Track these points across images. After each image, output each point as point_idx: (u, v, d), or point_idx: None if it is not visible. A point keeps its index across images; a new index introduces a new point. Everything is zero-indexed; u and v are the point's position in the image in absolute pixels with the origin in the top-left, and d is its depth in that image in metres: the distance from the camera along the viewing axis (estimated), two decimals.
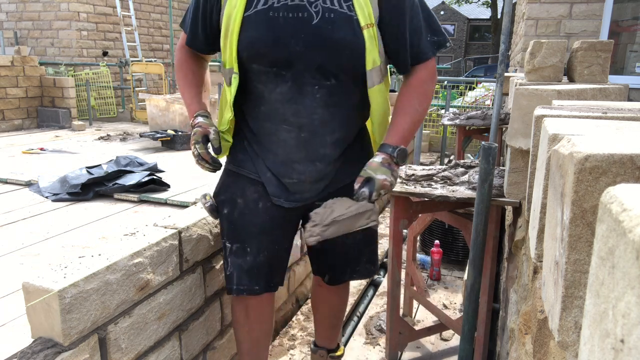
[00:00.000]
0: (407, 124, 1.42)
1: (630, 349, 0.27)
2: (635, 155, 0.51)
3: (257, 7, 1.32)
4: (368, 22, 1.31)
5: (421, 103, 1.45)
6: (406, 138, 1.42)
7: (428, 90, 1.46)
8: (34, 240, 3.09)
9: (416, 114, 1.44)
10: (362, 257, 1.67)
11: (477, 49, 36.39)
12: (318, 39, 1.31)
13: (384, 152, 1.39)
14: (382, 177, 1.36)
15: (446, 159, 5.87)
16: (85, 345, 1.16)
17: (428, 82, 1.45)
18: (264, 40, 1.32)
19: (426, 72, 1.44)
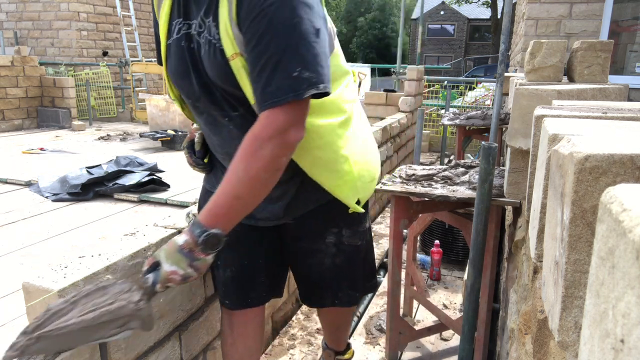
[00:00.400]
0: (225, 197, 1.08)
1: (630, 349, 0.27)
2: (635, 155, 0.51)
3: (173, 35, 1.23)
4: (232, 52, 1.10)
5: (247, 169, 1.05)
6: (225, 216, 1.08)
7: (261, 150, 1.04)
8: (34, 240, 3.10)
9: (239, 185, 1.06)
10: (343, 282, 1.52)
11: (477, 49, 36.40)
12: (206, 72, 1.18)
13: (190, 233, 1.08)
14: (172, 269, 1.07)
15: (446, 159, 5.87)
16: (85, 345, 1.16)
17: (264, 139, 1.04)
18: (176, 72, 1.25)
19: (266, 124, 1.05)
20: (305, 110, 1.08)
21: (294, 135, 1.07)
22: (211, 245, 1.07)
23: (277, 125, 1.04)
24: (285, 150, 1.07)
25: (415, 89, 6.00)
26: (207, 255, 1.09)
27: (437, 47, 37.71)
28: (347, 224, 1.47)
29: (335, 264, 1.48)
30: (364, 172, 1.39)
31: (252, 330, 1.55)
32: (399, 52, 8.00)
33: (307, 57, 1.03)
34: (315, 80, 1.04)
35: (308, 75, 1.03)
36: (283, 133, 1.05)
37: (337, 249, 1.47)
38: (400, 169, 2.23)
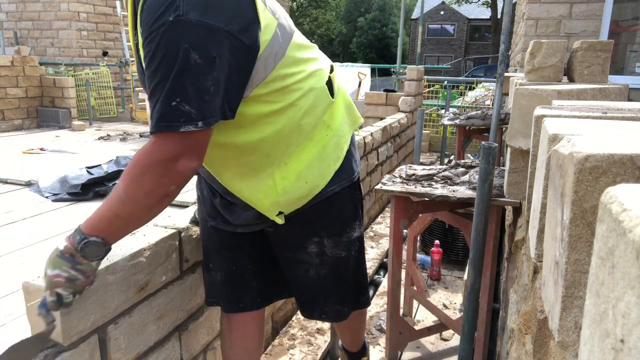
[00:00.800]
0: (105, 210, 1.05)
1: (630, 349, 0.27)
2: (635, 155, 0.51)
3: None
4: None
5: (127, 189, 1.02)
6: (105, 229, 1.04)
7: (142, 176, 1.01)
8: (34, 240, 3.09)
9: (118, 203, 1.03)
10: (329, 296, 1.47)
11: (477, 49, 36.41)
12: None
13: (70, 239, 1.05)
14: (54, 273, 1.03)
15: (446, 159, 5.87)
16: (85, 346, 1.16)
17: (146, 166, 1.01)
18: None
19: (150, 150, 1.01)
20: (197, 141, 1.03)
21: (183, 166, 1.02)
22: (92, 252, 1.04)
23: (161, 153, 1.00)
24: (171, 179, 1.02)
25: (415, 89, 6.00)
26: (91, 261, 1.05)
27: (437, 47, 37.71)
28: (329, 233, 1.39)
29: (320, 276, 1.42)
30: (294, 189, 1.28)
31: (250, 332, 1.53)
32: (399, 52, 8.00)
33: (190, 91, 0.97)
34: (194, 117, 0.98)
35: (187, 109, 0.98)
36: (169, 162, 1.01)
37: (321, 259, 1.41)
38: (400, 169, 2.23)
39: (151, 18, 0.97)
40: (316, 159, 1.31)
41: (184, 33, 0.96)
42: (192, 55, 0.96)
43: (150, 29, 0.97)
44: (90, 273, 1.07)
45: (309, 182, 1.30)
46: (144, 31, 0.99)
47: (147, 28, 0.98)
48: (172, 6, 0.95)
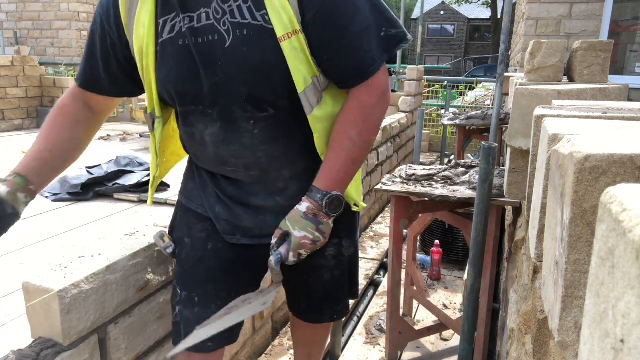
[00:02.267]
0: (341, 161, 1.08)
1: (630, 349, 0.27)
2: (635, 155, 0.51)
3: (164, 36, 1.07)
4: (288, 31, 1.00)
5: (361, 133, 1.08)
6: (342, 180, 1.09)
7: (372, 116, 1.09)
8: (34, 240, 3.09)
9: (355, 149, 1.08)
10: (341, 295, 1.43)
11: (477, 49, 36.41)
12: (235, 65, 1.04)
13: (311, 199, 1.07)
14: (301, 235, 1.06)
15: (446, 159, 5.87)
16: (85, 346, 1.16)
17: (373, 105, 1.08)
18: (177, 76, 1.09)
19: (371, 91, 1.07)
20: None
21: (389, 92, 1.12)
22: (334, 207, 1.08)
23: (380, 89, 1.08)
24: (386, 106, 1.12)
25: (415, 89, 6.00)
26: (330, 218, 1.09)
27: (437, 47, 37.71)
28: (348, 232, 1.36)
29: (335, 277, 1.37)
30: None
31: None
32: (399, 52, 8.00)
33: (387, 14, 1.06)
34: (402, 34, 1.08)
35: (395, 32, 1.06)
36: (385, 94, 1.10)
37: (337, 261, 1.36)
38: (400, 169, 2.23)
39: None
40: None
41: None
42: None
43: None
44: (328, 233, 1.10)
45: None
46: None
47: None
48: None
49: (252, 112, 1.09)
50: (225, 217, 1.22)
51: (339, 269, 1.39)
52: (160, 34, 1.08)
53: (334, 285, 1.40)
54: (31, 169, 1.16)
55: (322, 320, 1.49)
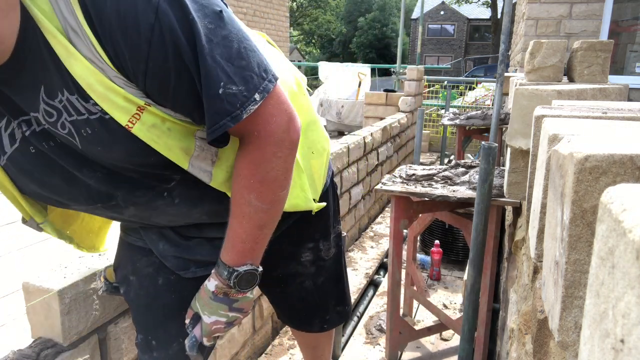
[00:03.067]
0: (245, 230, 0.89)
1: (630, 349, 0.27)
2: (635, 155, 0.51)
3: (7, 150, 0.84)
4: (132, 113, 0.77)
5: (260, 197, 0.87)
6: (251, 250, 0.91)
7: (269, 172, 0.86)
8: (34, 240, 3.10)
9: (258, 214, 0.88)
10: (330, 301, 1.33)
11: (477, 49, 36.42)
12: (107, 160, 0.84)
13: (218, 276, 0.93)
14: (212, 320, 0.94)
15: (446, 159, 5.88)
16: (85, 346, 1.16)
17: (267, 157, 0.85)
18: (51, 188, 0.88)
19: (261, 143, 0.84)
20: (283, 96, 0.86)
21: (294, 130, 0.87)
22: (245, 283, 0.93)
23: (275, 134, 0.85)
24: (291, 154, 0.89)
25: (415, 89, 6.00)
26: (245, 293, 0.94)
27: (437, 47, 37.71)
28: (323, 233, 1.26)
29: (318, 285, 1.28)
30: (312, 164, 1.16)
31: None
32: (399, 52, 8.00)
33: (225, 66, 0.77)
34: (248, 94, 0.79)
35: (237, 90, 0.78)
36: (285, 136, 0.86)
37: (317, 267, 1.27)
38: (400, 169, 2.23)
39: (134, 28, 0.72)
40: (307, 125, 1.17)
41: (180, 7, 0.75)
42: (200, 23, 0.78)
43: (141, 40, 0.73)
44: (247, 307, 0.97)
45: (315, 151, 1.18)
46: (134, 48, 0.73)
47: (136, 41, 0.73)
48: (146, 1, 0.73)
49: (158, 187, 0.92)
50: (172, 253, 1.06)
51: (322, 275, 1.29)
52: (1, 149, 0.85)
53: (320, 293, 1.30)
54: None
55: (312, 329, 1.39)
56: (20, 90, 0.78)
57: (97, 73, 0.74)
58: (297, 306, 1.33)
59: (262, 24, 12.55)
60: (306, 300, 1.31)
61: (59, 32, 0.72)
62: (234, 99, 0.78)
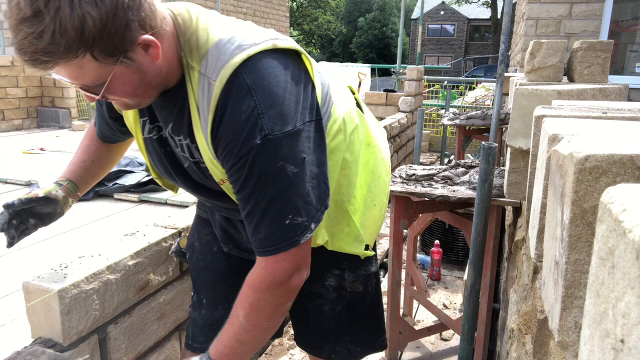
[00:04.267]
0: (228, 338, 1.02)
1: (630, 349, 0.27)
2: (635, 155, 0.51)
3: (145, 133, 1.13)
4: (221, 178, 1.03)
5: (247, 317, 0.99)
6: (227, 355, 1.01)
7: (259, 302, 0.98)
8: (34, 240, 3.09)
9: (241, 330, 1.01)
10: (342, 335, 1.35)
11: (477, 49, 36.42)
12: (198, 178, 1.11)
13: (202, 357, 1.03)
14: None
15: (446, 159, 5.88)
16: (85, 345, 1.16)
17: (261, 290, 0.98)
18: (159, 170, 1.18)
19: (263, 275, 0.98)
20: (306, 251, 1.00)
21: (296, 281, 1.00)
22: None
23: (276, 276, 0.97)
24: (287, 297, 1.01)
25: (415, 89, 6.00)
26: None
27: (437, 47, 37.71)
28: (351, 266, 1.31)
29: (335, 312, 1.32)
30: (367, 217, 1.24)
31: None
32: (399, 52, 8.00)
33: (297, 202, 0.94)
34: (307, 224, 0.95)
35: (301, 220, 0.95)
36: (284, 282, 0.98)
37: (338, 294, 1.31)
38: (400, 169, 2.23)
39: (236, 143, 0.92)
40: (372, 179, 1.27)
41: (277, 150, 0.92)
42: (288, 168, 0.93)
43: (238, 154, 0.92)
44: None
45: (377, 204, 1.27)
46: (229, 157, 0.93)
47: (234, 154, 0.92)
48: (257, 128, 0.90)
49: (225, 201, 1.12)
50: (221, 225, 1.27)
51: (341, 304, 1.32)
52: (143, 131, 1.13)
53: (334, 320, 1.33)
54: (79, 177, 1.28)
55: (320, 355, 1.40)
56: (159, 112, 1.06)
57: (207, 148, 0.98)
58: (312, 327, 1.36)
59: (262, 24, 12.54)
60: (320, 325, 1.34)
61: (196, 110, 0.97)
62: (296, 228, 0.95)
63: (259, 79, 0.92)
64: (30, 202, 1.16)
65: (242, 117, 0.91)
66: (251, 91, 0.91)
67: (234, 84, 0.91)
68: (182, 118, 1.01)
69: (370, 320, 1.40)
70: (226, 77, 0.91)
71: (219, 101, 0.92)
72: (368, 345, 1.41)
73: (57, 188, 1.22)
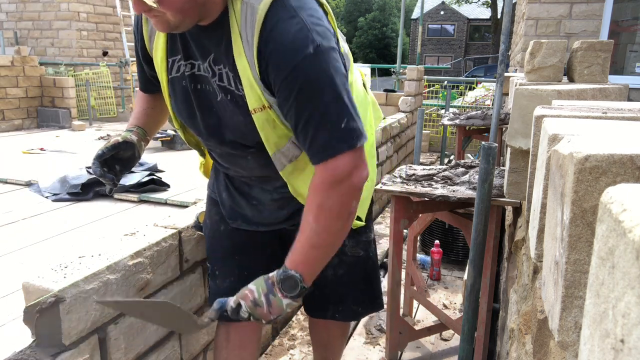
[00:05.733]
0: (302, 244, 1.09)
1: (630, 349, 0.27)
2: (635, 155, 0.51)
3: (172, 73, 1.21)
4: (259, 106, 1.08)
5: (317, 219, 1.06)
6: (304, 263, 1.08)
7: (326, 201, 1.05)
8: (34, 240, 3.09)
9: (312, 234, 1.07)
10: (346, 296, 1.46)
11: (477, 49, 36.41)
12: (224, 116, 1.17)
13: (276, 271, 1.11)
14: (251, 288, 1.12)
15: (446, 159, 5.88)
16: (85, 345, 1.16)
17: (325, 190, 1.05)
18: (181, 111, 1.25)
19: (325, 177, 1.05)
20: (361, 154, 1.07)
21: (358, 178, 1.06)
22: (288, 287, 1.08)
23: (336, 173, 1.04)
24: (351, 195, 1.07)
25: (415, 89, 6.00)
26: (284, 297, 1.09)
27: (437, 47, 37.71)
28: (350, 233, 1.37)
29: (338, 276, 1.43)
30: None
31: (249, 342, 1.45)
32: (399, 52, 8.00)
33: (349, 107, 1.04)
34: (362, 130, 1.05)
35: (355, 125, 1.04)
36: (347, 180, 1.05)
37: (339, 259, 1.41)
38: (400, 169, 2.23)
39: (288, 56, 1.00)
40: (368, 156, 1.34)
41: (328, 60, 1.02)
42: (338, 78, 1.03)
43: (291, 64, 1.00)
44: (275, 309, 1.10)
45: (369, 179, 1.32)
46: (281, 71, 1.01)
47: (286, 66, 1.00)
48: (308, 40, 1.00)
49: (240, 148, 1.22)
50: (229, 204, 1.39)
51: (342, 268, 1.43)
52: (170, 71, 1.20)
53: (337, 284, 1.44)
54: (145, 123, 1.41)
55: (325, 315, 1.52)
56: (200, 45, 1.12)
57: (250, 72, 1.05)
58: (315, 291, 1.43)
59: None
60: (324, 289, 1.43)
61: (239, 36, 1.04)
62: (352, 132, 1.04)
63: (302, 3, 1.03)
64: (115, 147, 1.30)
65: (292, 31, 0.99)
66: (297, 11, 1.01)
67: (279, 6, 1.01)
68: (224, 47, 1.08)
69: (371, 282, 1.52)
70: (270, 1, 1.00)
71: (264, 22, 1.00)
72: (369, 305, 1.53)
73: (130, 134, 1.34)
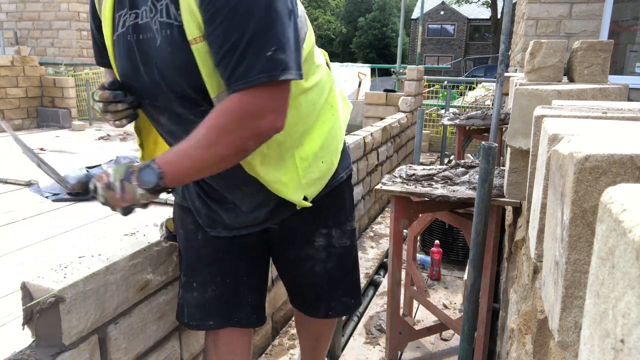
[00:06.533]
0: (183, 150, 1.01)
1: (630, 349, 0.27)
2: (635, 155, 0.51)
3: (117, 30, 1.11)
4: (197, 35, 0.98)
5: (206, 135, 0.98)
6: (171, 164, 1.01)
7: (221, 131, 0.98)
8: (34, 240, 3.10)
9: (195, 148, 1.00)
10: (337, 290, 1.45)
11: (477, 49, 36.41)
12: (165, 64, 1.05)
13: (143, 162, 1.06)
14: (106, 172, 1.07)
15: (446, 159, 5.88)
16: (85, 346, 1.16)
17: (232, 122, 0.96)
18: (125, 70, 1.14)
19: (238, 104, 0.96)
20: (284, 95, 0.99)
21: (269, 123, 0.98)
22: (144, 177, 1.01)
23: (249, 106, 0.96)
24: (255, 136, 1.00)
25: (415, 89, 6.00)
26: (138, 187, 1.01)
27: (437, 47, 37.71)
28: (336, 222, 1.40)
29: (327, 270, 1.41)
30: (313, 169, 1.26)
31: (240, 349, 1.41)
32: (399, 52, 8.00)
33: (281, 38, 0.94)
34: (291, 65, 0.95)
35: (283, 57, 0.94)
36: (257, 118, 0.97)
37: (328, 253, 1.40)
38: (400, 169, 2.23)
39: None
40: (327, 139, 1.30)
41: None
42: (278, 4, 0.94)
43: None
44: (128, 196, 1.03)
45: (325, 162, 1.30)
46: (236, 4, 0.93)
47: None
48: None
49: (189, 108, 1.10)
50: (205, 212, 1.32)
51: (332, 261, 1.41)
52: (116, 28, 1.11)
53: (327, 278, 1.42)
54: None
55: (318, 314, 1.49)
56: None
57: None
58: (306, 290, 1.45)
59: None
60: (314, 286, 1.43)
61: None
62: (277, 63, 0.94)
63: None
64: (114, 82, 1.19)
65: None
66: None
67: None
68: None
69: (357, 270, 1.51)
70: None
71: None
72: (358, 295, 1.51)
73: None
